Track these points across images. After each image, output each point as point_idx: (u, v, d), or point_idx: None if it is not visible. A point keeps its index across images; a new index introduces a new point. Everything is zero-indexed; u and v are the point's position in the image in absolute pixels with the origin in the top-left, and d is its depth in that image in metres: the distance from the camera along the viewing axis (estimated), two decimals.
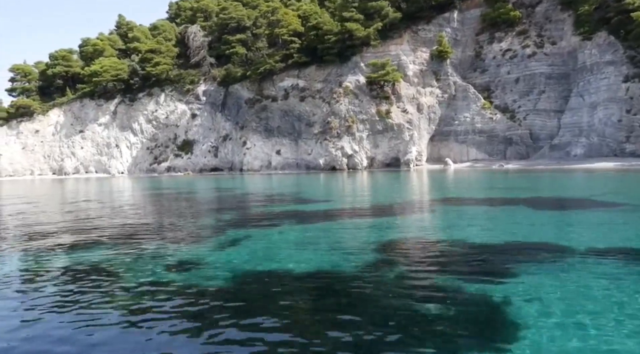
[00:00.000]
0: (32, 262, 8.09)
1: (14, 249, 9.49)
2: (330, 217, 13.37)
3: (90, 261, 8.00)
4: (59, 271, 7.41)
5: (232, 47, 66.20)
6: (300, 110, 61.82)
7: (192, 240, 9.90)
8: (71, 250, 9.15)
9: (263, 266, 7.36)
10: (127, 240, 10.12)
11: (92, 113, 71.89)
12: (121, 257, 8.17)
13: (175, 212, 15.89)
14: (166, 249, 8.74)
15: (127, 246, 9.36)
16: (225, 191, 26.69)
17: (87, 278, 6.87)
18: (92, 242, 10.00)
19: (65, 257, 8.43)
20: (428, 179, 34.54)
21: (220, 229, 11.27)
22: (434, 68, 59.87)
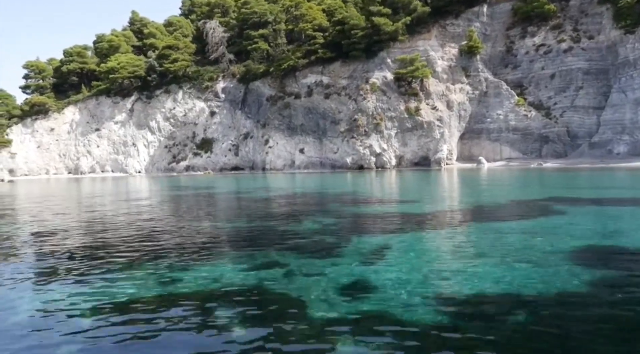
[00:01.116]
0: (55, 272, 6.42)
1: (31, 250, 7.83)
2: (457, 220, 11.63)
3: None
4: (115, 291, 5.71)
5: (254, 43, 64.43)
6: (324, 107, 60.04)
7: (312, 254, 8.17)
8: (110, 273, 7.44)
9: (455, 287, 5.62)
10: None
11: (108, 111, 70.20)
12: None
13: (267, 219, 14.14)
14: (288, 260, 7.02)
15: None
16: (274, 191, 24.88)
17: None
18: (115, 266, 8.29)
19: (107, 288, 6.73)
20: (474, 178, 32.73)
21: (333, 234, 9.53)
22: (463, 64, 58.08)
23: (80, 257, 8.32)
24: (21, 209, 19.24)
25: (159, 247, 9.09)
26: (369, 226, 11.74)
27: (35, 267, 7.89)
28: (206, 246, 9.19)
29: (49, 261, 8.17)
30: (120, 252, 8.65)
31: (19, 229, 12.64)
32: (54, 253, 8.79)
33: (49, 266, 7.72)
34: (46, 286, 6.48)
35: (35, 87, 72.24)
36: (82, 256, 8.50)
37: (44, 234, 11.40)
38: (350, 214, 13.97)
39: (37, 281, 6.85)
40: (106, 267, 7.41)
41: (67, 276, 6.99)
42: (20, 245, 10.05)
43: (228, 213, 15.67)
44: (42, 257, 8.72)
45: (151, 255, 8.23)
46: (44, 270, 7.52)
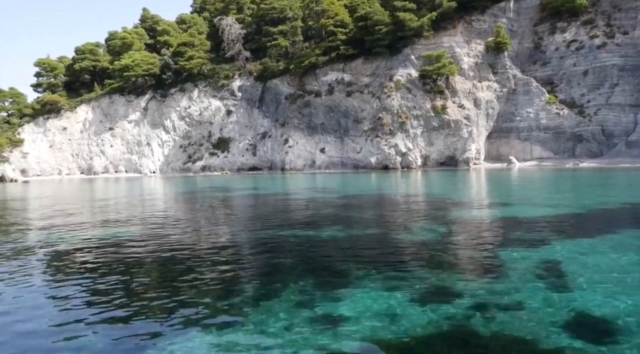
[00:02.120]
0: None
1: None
2: (587, 225, 9.92)
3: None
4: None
5: (273, 39, 62.68)
6: (347, 105, 58.34)
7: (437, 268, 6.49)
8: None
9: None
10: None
11: (122, 109, 68.52)
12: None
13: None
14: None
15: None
16: (330, 193, 23.12)
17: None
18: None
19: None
20: (519, 178, 30.98)
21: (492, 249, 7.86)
22: (489, 61, 56.37)
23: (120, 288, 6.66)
24: (45, 215, 17.57)
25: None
26: (496, 235, 10.01)
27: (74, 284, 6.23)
28: (334, 268, 7.47)
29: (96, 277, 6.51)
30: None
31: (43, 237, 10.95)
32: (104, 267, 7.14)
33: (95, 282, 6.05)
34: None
35: (47, 86, 70.53)
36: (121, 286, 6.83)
37: (79, 247, 9.73)
38: (455, 219, 12.26)
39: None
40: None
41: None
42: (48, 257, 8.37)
43: (306, 221, 13.95)
44: (80, 272, 7.06)
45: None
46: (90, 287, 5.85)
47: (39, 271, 7.57)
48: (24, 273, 7.31)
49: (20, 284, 6.63)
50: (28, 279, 6.96)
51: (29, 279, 6.97)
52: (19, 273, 7.36)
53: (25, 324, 4.98)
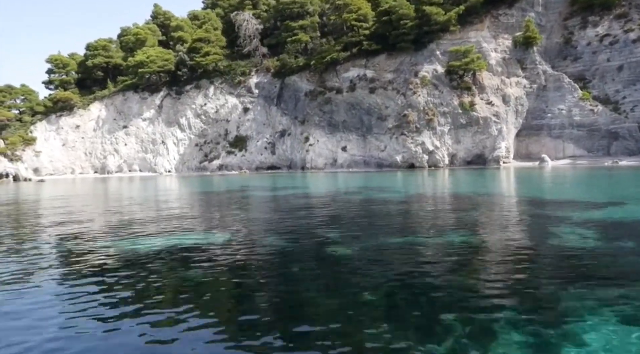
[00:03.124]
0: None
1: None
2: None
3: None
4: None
5: (293, 35, 60.95)
6: (369, 102, 56.63)
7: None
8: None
9: None
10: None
11: (136, 107, 66.91)
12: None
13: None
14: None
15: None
16: (378, 191, 21.34)
17: None
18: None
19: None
20: (559, 176, 29.27)
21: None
22: (517, 56, 54.63)
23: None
24: (91, 220, 15.88)
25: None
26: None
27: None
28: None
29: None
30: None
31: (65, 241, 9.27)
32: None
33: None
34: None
35: (59, 82, 68.89)
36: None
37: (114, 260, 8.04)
38: (585, 221, 10.54)
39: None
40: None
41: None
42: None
43: (427, 225, 12.21)
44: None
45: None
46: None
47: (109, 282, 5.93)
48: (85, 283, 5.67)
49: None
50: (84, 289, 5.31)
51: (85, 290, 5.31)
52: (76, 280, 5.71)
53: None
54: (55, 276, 6.87)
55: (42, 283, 6.49)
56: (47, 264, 7.67)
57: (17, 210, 18.79)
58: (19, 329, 4.66)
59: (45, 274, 7.03)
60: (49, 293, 5.98)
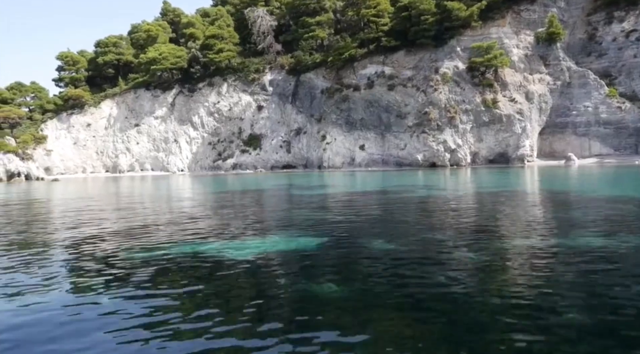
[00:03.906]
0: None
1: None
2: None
3: None
4: None
5: (311, 31, 59.77)
6: (388, 100, 55.46)
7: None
8: None
9: None
10: None
11: (148, 105, 65.74)
12: None
13: None
14: None
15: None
16: (426, 189, 20.13)
17: None
18: None
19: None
20: (594, 175, 28.13)
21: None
22: (540, 52, 53.52)
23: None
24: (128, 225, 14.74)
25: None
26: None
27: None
28: None
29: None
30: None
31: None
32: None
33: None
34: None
35: (69, 80, 67.67)
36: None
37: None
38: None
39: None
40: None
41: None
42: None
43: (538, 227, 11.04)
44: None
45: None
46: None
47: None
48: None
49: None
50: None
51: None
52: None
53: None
54: (136, 290, 5.75)
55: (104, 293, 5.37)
56: (110, 273, 6.55)
57: (46, 211, 17.65)
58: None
59: (109, 285, 5.92)
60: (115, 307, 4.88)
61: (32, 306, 5.25)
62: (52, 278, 6.56)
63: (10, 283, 6.38)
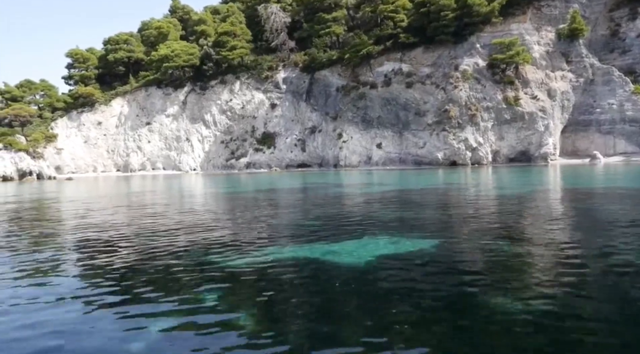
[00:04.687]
0: None
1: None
2: None
3: None
4: None
5: (327, 27, 58.72)
6: (406, 97, 54.44)
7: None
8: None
9: None
10: None
11: (159, 103, 64.69)
12: None
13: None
14: None
15: None
16: (482, 187, 19.11)
17: None
18: None
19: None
20: (633, 175, 27.14)
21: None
22: (562, 49, 52.51)
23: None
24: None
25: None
26: None
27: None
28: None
29: None
30: None
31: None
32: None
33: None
34: None
35: (79, 78, 66.57)
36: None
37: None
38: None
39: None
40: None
41: None
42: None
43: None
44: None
45: None
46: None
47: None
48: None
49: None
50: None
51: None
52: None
53: None
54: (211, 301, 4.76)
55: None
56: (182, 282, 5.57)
57: (75, 213, 16.63)
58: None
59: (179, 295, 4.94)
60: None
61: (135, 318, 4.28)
62: (155, 284, 5.59)
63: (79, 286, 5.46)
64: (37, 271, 6.79)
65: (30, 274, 6.58)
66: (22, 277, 6.44)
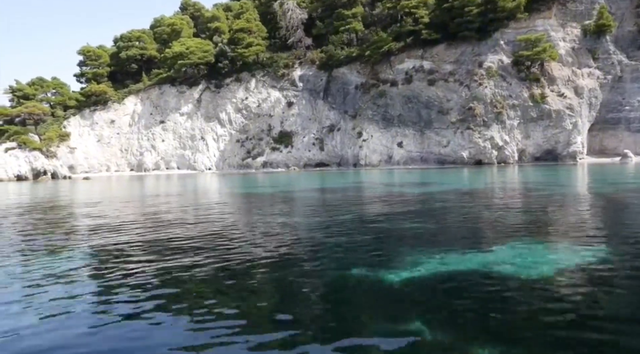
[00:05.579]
0: None
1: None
2: None
3: None
4: None
5: (347, 23, 57.57)
6: (429, 95, 53.31)
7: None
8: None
9: None
10: None
11: (173, 101, 63.53)
12: None
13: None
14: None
15: None
16: (560, 187, 17.93)
17: None
18: None
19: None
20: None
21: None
22: (588, 45, 51.43)
23: None
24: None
25: None
26: None
27: None
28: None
29: None
30: None
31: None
32: None
33: None
34: None
35: (91, 75, 65.33)
36: None
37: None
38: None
39: None
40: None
41: None
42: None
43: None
44: None
45: None
46: None
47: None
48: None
49: None
50: None
51: None
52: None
53: None
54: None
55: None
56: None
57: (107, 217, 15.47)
58: None
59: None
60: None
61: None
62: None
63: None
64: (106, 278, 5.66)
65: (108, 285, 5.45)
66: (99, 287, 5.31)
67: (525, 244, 7.39)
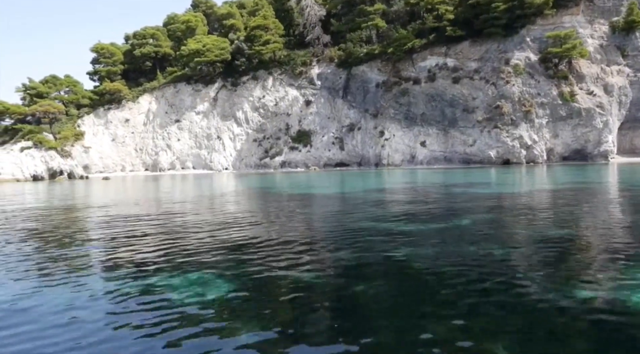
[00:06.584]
0: None
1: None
2: None
3: None
4: None
5: (369, 20, 56.38)
6: (453, 93, 52.17)
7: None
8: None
9: None
10: None
11: (189, 100, 62.36)
12: None
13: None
14: None
15: None
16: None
17: None
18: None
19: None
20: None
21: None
22: (616, 42, 50.39)
23: None
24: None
25: None
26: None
27: None
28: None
29: None
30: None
31: None
32: None
33: None
34: None
35: (105, 73, 64.11)
36: None
37: None
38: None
39: None
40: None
41: None
42: None
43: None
44: None
45: None
46: None
47: None
48: None
49: None
50: None
51: None
52: None
53: None
54: None
55: None
56: None
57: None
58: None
59: None
60: None
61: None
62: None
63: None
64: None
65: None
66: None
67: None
